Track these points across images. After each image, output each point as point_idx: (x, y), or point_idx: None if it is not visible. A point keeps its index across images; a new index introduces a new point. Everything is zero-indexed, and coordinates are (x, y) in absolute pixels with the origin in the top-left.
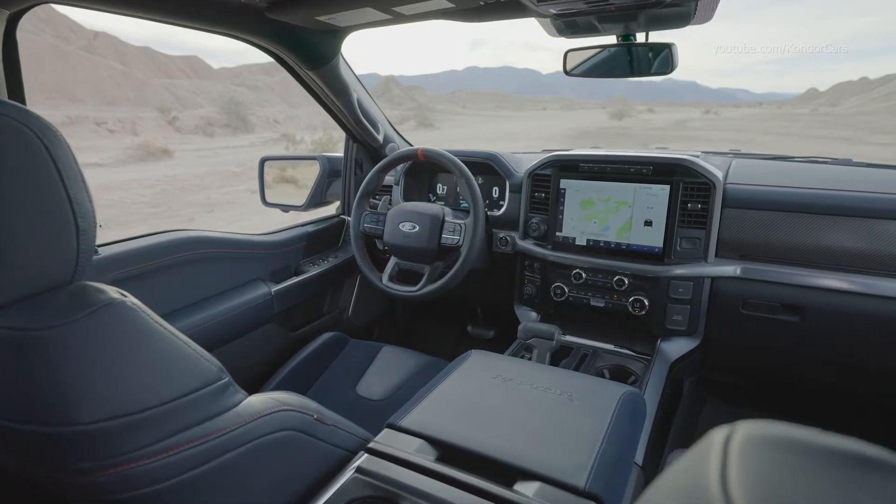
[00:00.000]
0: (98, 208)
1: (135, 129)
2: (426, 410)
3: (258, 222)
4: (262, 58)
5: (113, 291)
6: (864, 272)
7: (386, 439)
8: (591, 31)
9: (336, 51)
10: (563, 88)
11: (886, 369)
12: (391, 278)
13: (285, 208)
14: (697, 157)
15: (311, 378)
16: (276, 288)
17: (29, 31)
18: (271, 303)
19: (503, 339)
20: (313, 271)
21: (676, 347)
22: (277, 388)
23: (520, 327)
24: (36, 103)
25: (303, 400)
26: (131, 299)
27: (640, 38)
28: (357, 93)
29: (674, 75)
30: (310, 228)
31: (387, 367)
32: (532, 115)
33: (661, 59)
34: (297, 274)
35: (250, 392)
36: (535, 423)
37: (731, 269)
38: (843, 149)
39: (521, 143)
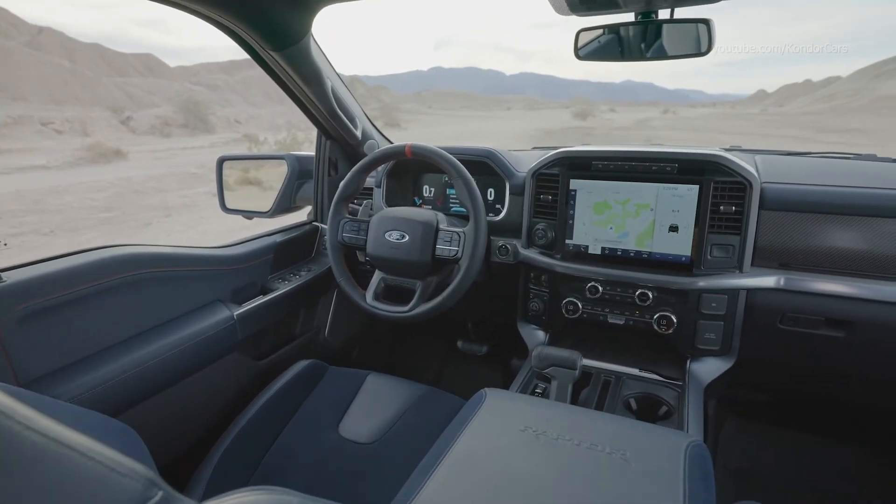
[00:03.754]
0: (44, 214)
1: (85, 130)
2: (445, 486)
3: (219, 227)
4: (221, 56)
5: None
6: None
7: None
8: (608, 6)
9: (306, 29)
10: (527, 89)
11: None
12: (377, 296)
13: (248, 215)
14: (720, 151)
15: (284, 417)
16: (239, 311)
17: None
18: (234, 328)
19: (497, 355)
20: (283, 288)
21: (709, 369)
22: (244, 431)
23: (534, 353)
24: None
25: (280, 497)
26: None
27: (663, 15)
28: (331, 81)
29: (633, 76)
30: (278, 238)
31: (374, 400)
32: (498, 115)
33: (696, 37)
34: (263, 292)
35: (212, 439)
36: (592, 501)
37: (772, 280)
38: (798, 147)
39: (491, 143)
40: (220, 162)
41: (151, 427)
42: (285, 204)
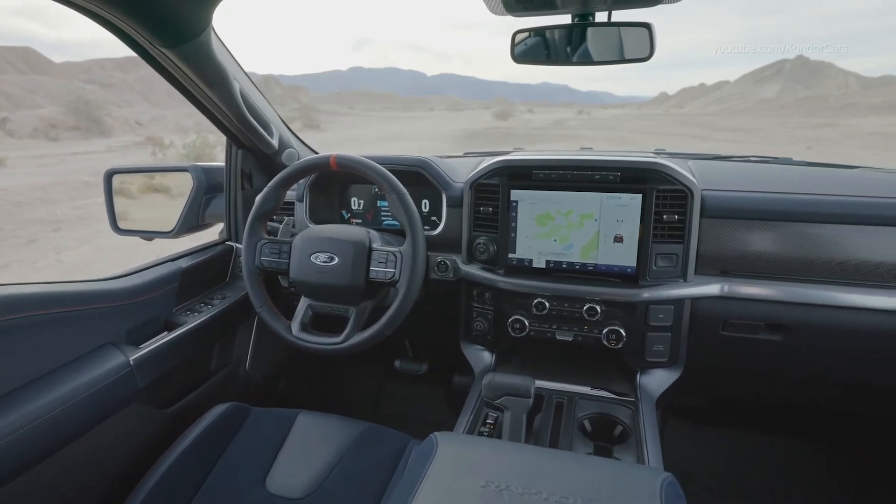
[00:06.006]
0: None
1: None
2: None
3: (121, 241)
4: (116, 51)
5: None
6: (852, 284)
7: None
8: (545, 6)
9: (205, 21)
10: (449, 89)
11: (870, 384)
12: (304, 326)
13: (147, 236)
14: (658, 157)
15: (199, 475)
16: (136, 354)
17: None
18: (130, 376)
19: (438, 373)
20: (193, 321)
21: (658, 381)
22: (150, 497)
23: (483, 383)
24: None
25: None
26: None
27: (600, 17)
28: (239, 82)
29: (548, 78)
30: (184, 263)
31: (306, 445)
32: (420, 116)
33: (636, 42)
34: (168, 328)
35: None
36: None
37: (715, 288)
38: (698, 144)
39: (417, 144)
40: (109, 176)
41: None
42: (191, 222)
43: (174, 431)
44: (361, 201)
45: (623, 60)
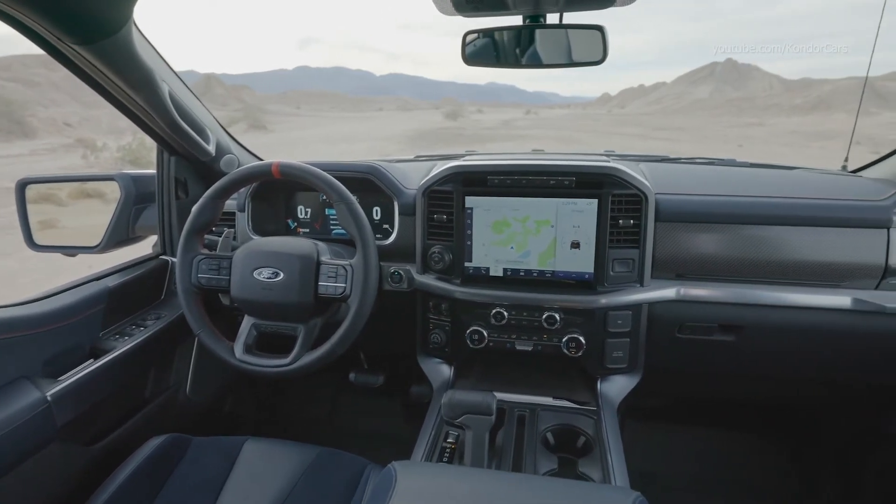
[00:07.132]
0: None
1: None
2: None
3: (48, 253)
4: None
5: None
6: (798, 284)
7: None
8: (495, 7)
9: (125, 16)
10: (398, 89)
11: (820, 380)
12: (248, 348)
13: (69, 251)
14: (608, 161)
15: None
16: (55, 388)
17: None
18: (48, 413)
19: (395, 384)
20: (123, 347)
21: (618, 388)
22: None
23: (443, 401)
24: None
25: None
26: None
27: (553, 20)
28: (169, 84)
29: (496, 79)
30: (111, 282)
31: (255, 477)
32: (370, 116)
33: (588, 45)
34: (94, 355)
35: None
36: None
37: (672, 292)
38: (640, 143)
39: (367, 144)
40: (22, 186)
41: None
42: (120, 235)
43: (104, 469)
44: (309, 210)
45: (573, 63)
